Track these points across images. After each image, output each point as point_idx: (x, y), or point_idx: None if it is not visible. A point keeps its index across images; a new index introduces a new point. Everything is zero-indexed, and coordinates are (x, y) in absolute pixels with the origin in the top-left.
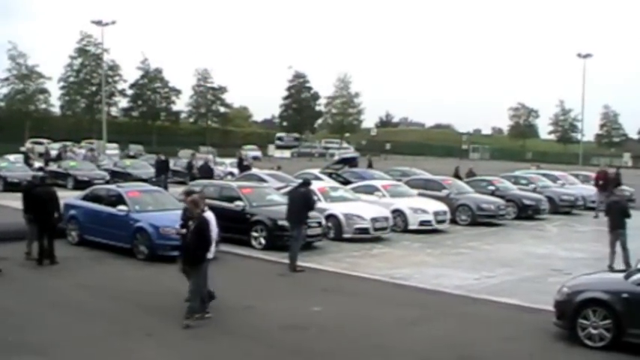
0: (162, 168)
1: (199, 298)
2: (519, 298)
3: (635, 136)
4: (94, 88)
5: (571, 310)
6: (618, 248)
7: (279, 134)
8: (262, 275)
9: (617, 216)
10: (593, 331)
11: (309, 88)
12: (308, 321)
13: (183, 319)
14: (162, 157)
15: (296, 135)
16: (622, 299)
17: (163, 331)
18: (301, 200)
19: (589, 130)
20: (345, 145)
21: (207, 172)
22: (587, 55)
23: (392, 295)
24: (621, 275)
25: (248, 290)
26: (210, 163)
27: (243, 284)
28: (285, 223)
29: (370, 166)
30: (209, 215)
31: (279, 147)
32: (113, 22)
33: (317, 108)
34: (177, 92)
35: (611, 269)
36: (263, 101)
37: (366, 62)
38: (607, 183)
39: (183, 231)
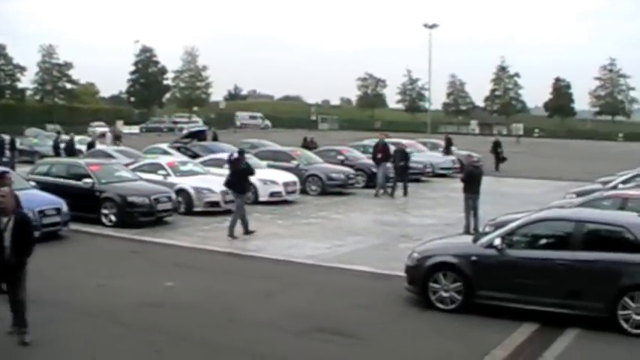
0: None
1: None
2: (371, 265)
3: (481, 104)
4: None
5: (422, 275)
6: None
7: (237, 113)
8: (114, 253)
9: (476, 182)
10: (445, 295)
11: (157, 63)
12: (162, 297)
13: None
14: (7, 137)
15: (255, 114)
16: (471, 262)
17: (8, 317)
18: (243, 173)
19: (436, 99)
20: (194, 118)
21: (71, 151)
22: (433, 26)
23: (245, 267)
24: (470, 239)
25: (100, 268)
26: (74, 141)
27: (95, 262)
28: (135, 199)
29: (215, 139)
30: None
31: (127, 123)
32: None
33: (165, 82)
34: (22, 69)
35: (470, 233)
36: (110, 77)
37: (212, 35)
38: (387, 156)
39: None
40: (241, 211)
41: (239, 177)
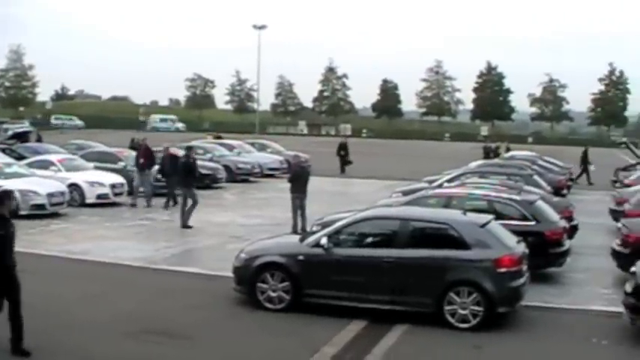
0: None
1: None
2: (200, 266)
3: (310, 105)
4: None
5: (249, 275)
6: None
7: (152, 115)
8: None
9: (303, 182)
10: (273, 294)
11: None
12: None
13: None
14: None
15: (167, 117)
16: (298, 261)
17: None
18: (184, 168)
19: (265, 100)
20: (72, 120)
21: None
22: (262, 27)
23: (72, 270)
24: (297, 238)
25: None
26: None
27: None
28: None
29: (39, 140)
30: None
31: None
32: None
33: None
34: None
35: (297, 232)
36: None
37: (41, 33)
38: (151, 161)
39: None
40: (186, 203)
41: (181, 173)
